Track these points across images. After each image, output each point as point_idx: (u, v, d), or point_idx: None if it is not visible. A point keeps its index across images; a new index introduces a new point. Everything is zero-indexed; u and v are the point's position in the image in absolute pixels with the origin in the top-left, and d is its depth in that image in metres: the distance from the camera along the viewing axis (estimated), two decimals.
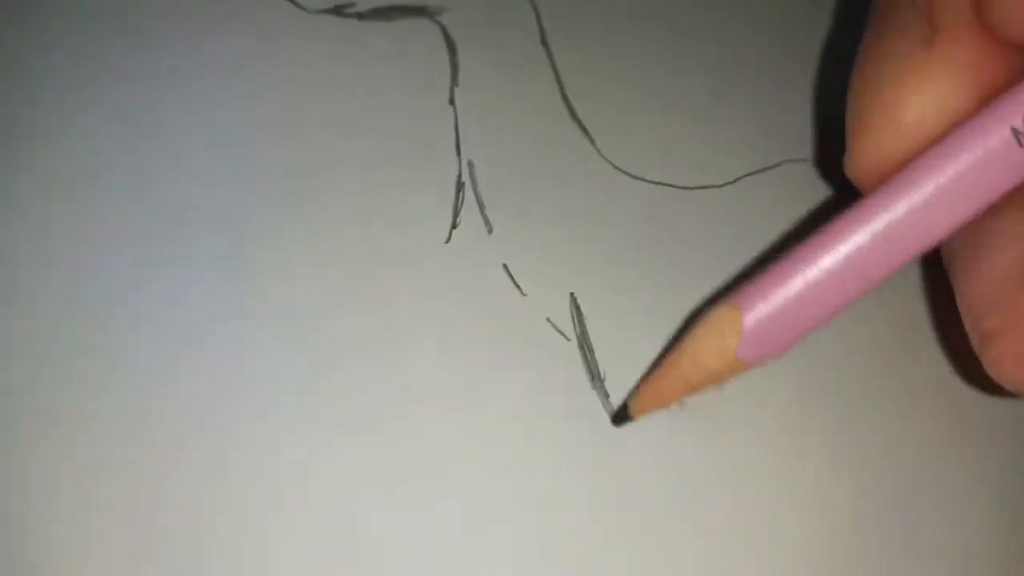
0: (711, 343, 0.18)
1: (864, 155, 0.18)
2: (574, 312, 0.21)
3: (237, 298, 0.20)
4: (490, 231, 0.22)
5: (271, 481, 0.19)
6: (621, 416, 0.20)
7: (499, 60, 0.23)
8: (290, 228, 0.21)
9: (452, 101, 0.23)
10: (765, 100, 0.25)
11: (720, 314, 0.17)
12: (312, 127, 0.22)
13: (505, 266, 0.21)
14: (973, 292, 0.18)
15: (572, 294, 0.21)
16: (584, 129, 0.23)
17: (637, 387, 0.19)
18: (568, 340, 0.21)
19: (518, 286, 0.21)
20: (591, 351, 0.21)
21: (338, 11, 0.23)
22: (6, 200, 0.20)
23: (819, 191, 0.24)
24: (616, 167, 0.23)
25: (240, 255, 0.20)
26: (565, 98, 0.23)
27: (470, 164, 0.22)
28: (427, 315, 0.20)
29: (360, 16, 0.23)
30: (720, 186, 0.23)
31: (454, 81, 0.23)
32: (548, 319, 0.21)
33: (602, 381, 0.21)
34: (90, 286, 0.20)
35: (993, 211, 0.17)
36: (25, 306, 0.19)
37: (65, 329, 0.19)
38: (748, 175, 0.24)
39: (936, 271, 0.21)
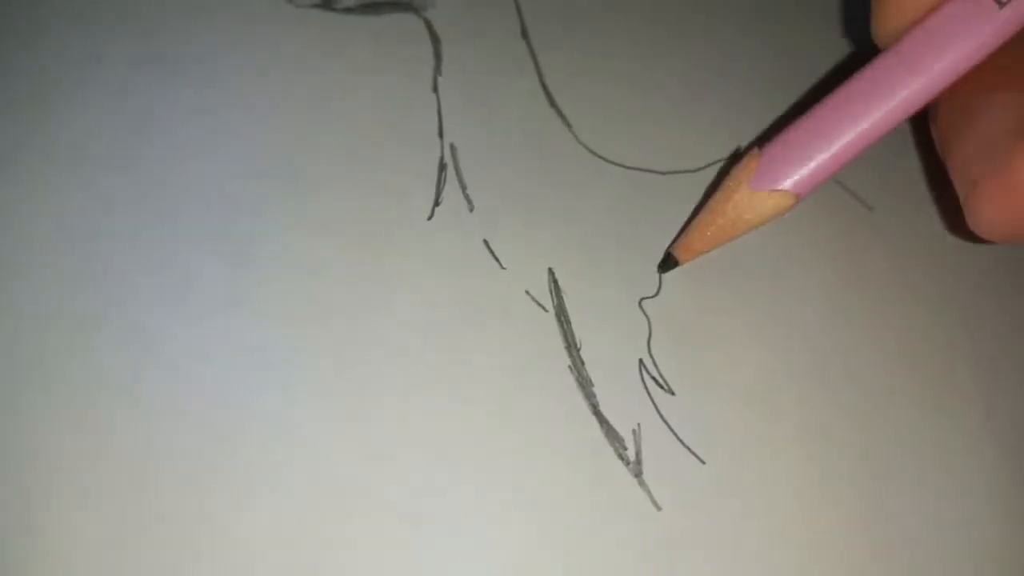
0: (736, 179, 0.21)
1: (887, 17, 0.20)
2: (552, 286, 0.22)
3: (224, 269, 0.21)
4: (471, 209, 0.22)
5: (254, 435, 0.19)
6: (666, 263, 0.22)
7: (481, 51, 0.24)
8: (279, 204, 0.22)
9: (435, 89, 0.24)
10: (738, 89, 0.26)
11: (746, 156, 0.21)
12: (301, 113, 0.23)
13: (485, 241, 0.22)
14: (962, 153, 0.20)
15: (550, 269, 0.22)
16: (562, 116, 0.24)
17: (679, 234, 0.22)
18: (546, 311, 0.22)
19: (498, 260, 0.22)
20: (568, 321, 0.22)
21: (326, 5, 0.24)
22: (15, 196, 0.21)
23: None
24: (593, 152, 0.24)
25: (229, 232, 0.21)
26: (544, 86, 0.24)
27: (452, 147, 0.23)
28: (410, 286, 0.21)
29: (348, 10, 0.24)
30: (694, 171, 0.24)
31: (437, 71, 0.24)
32: (527, 291, 0.22)
33: (578, 349, 0.21)
34: (85, 264, 0.20)
35: (982, 85, 0.20)
36: (24, 292, 0.20)
37: (65, 311, 0.20)
38: (721, 160, 0.25)
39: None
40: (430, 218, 0.22)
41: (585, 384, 0.21)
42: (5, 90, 0.22)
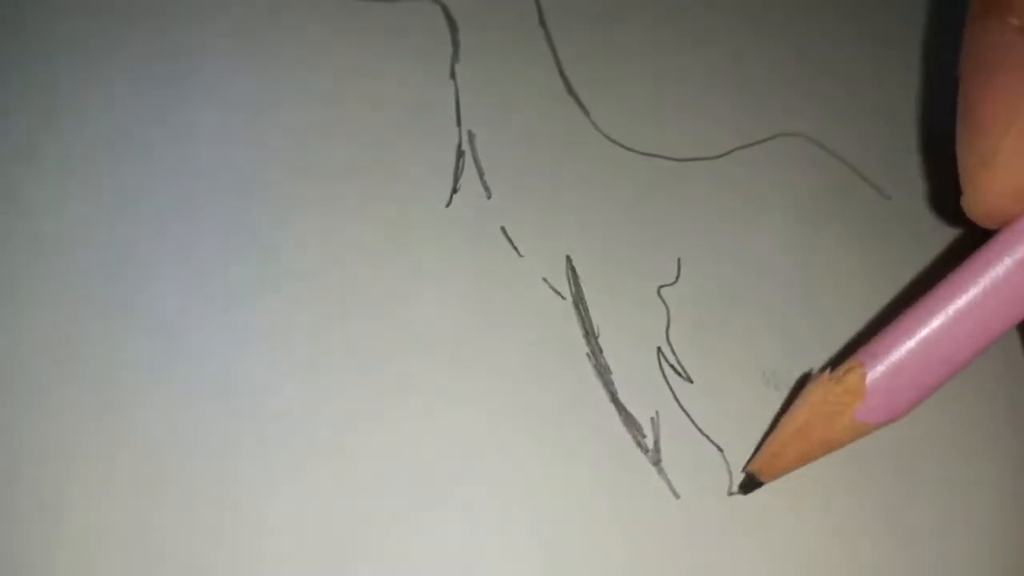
0: (834, 406, 0.18)
1: (980, 200, 0.17)
2: (569, 273, 0.22)
3: (244, 257, 0.21)
4: (489, 196, 0.22)
5: (278, 423, 0.19)
6: (750, 484, 0.19)
7: (498, 38, 0.24)
8: (298, 190, 0.22)
9: (453, 76, 0.24)
10: (759, 75, 0.26)
11: (847, 378, 0.17)
12: (319, 99, 0.23)
13: (503, 228, 0.22)
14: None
15: (568, 256, 0.22)
16: (580, 102, 0.24)
17: (759, 449, 0.19)
18: (564, 299, 0.22)
19: (515, 247, 0.22)
20: (586, 309, 0.21)
21: None
22: (21, 173, 0.21)
23: (813, 165, 0.25)
24: (610, 139, 0.24)
25: (247, 222, 0.21)
26: (562, 73, 0.24)
27: (470, 134, 0.23)
28: (428, 274, 0.21)
29: None
30: (712, 158, 0.24)
31: (455, 57, 0.24)
32: (544, 279, 0.22)
33: (596, 337, 0.21)
34: (104, 249, 0.20)
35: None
36: (44, 282, 0.20)
37: (85, 302, 0.20)
38: (740, 148, 0.24)
39: None
40: (448, 205, 0.22)
41: (603, 372, 0.21)
42: (23, 82, 0.22)
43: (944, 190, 0.26)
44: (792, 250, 0.23)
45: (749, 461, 0.20)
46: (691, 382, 0.21)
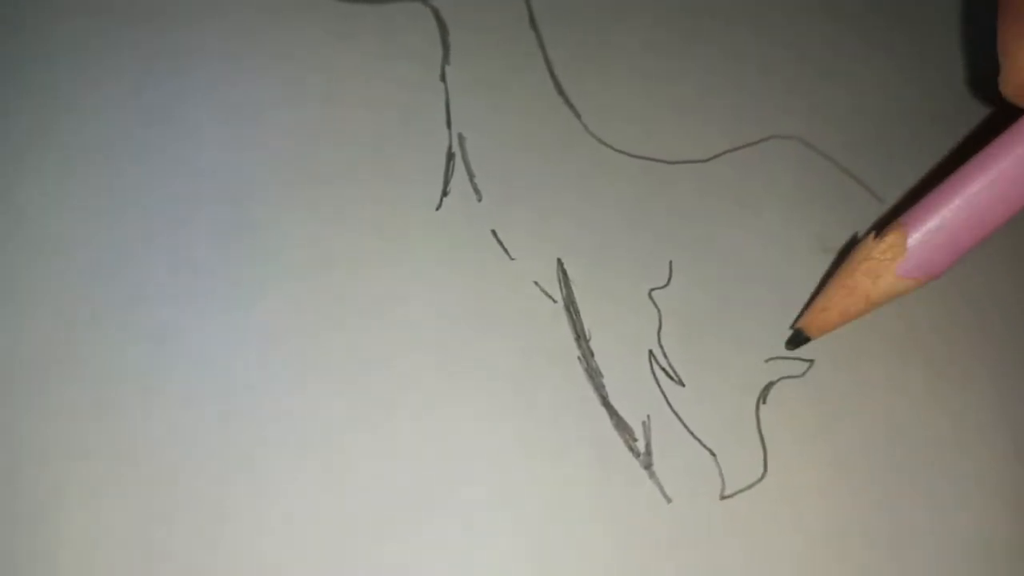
0: (879, 263, 0.19)
1: (1017, 74, 0.19)
2: (561, 276, 0.22)
3: (236, 260, 0.20)
4: (480, 199, 0.22)
5: (271, 425, 0.19)
6: (796, 340, 0.21)
7: (489, 40, 0.24)
8: (289, 194, 0.21)
9: (443, 78, 0.24)
10: (751, 77, 0.25)
11: (889, 236, 0.19)
12: (310, 102, 0.23)
13: (494, 231, 0.22)
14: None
15: (559, 259, 0.22)
16: (570, 105, 0.24)
17: (808, 306, 0.21)
18: (555, 302, 0.21)
19: (506, 250, 0.22)
20: (577, 312, 0.21)
21: None
22: (20, 173, 0.21)
23: (805, 167, 0.25)
24: (601, 141, 0.24)
25: (239, 224, 0.21)
26: (552, 76, 0.24)
27: (460, 137, 0.23)
28: (419, 277, 0.21)
29: (356, 0, 0.24)
30: (703, 161, 0.24)
31: (446, 59, 0.24)
32: (536, 282, 0.22)
33: (587, 340, 0.21)
34: (101, 257, 0.20)
35: None
36: (40, 285, 0.20)
37: (81, 304, 0.20)
38: (731, 151, 0.24)
39: None
40: (438, 208, 0.22)
41: (594, 375, 0.21)
42: (21, 83, 0.21)
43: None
44: (784, 253, 0.23)
45: (796, 319, 0.21)
46: (683, 385, 0.21)
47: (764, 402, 0.21)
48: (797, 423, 0.21)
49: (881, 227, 0.20)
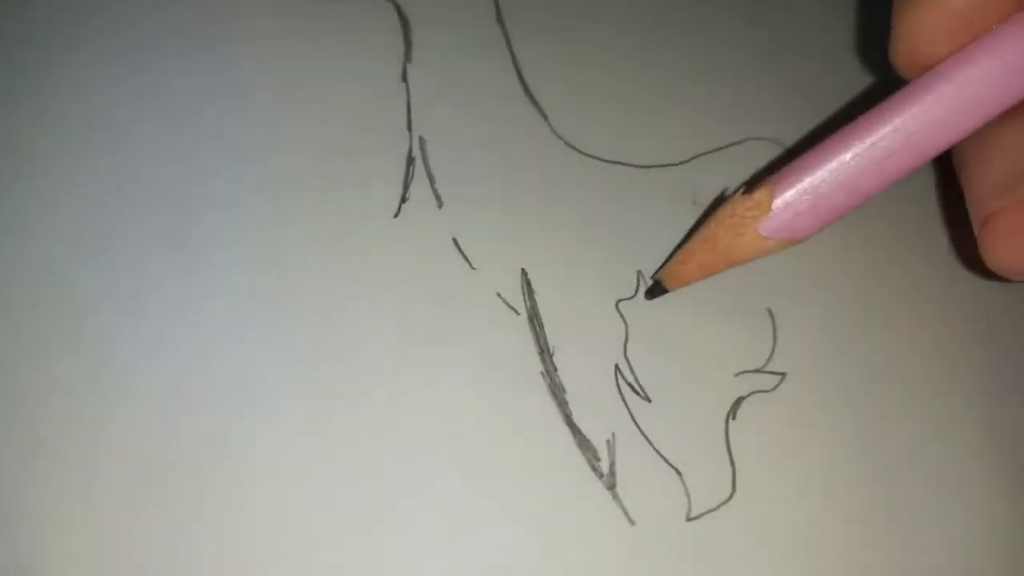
0: (742, 219, 0.19)
1: (907, 39, 0.18)
2: (524, 287, 0.21)
3: (181, 273, 0.20)
4: (440, 205, 0.21)
5: (225, 435, 0.18)
6: (655, 290, 0.20)
7: (453, 37, 0.23)
8: (239, 202, 0.20)
9: (405, 78, 0.23)
10: (725, 79, 0.25)
11: (756, 194, 0.19)
12: (262, 102, 0.22)
13: (455, 240, 0.21)
14: (980, 185, 0.19)
15: (523, 269, 0.21)
16: (538, 106, 0.23)
17: (669, 259, 0.20)
18: (518, 314, 0.21)
19: (468, 260, 0.21)
20: (541, 325, 0.21)
21: None
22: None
23: (776, 168, 0.24)
24: (570, 145, 0.23)
25: (186, 231, 0.20)
26: (519, 75, 0.23)
27: (421, 140, 0.22)
28: (375, 288, 0.20)
29: None
30: (675, 165, 0.23)
31: (407, 58, 0.23)
32: (498, 293, 0.21)
33: (551, 355, 0.20)
34: (43, 267, 0.19)
35: (1004, 116, 0.18)
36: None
37: (22, 316, 0.19)
38: (705, 154, 0.24)
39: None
40: (396, 215, 0.21)
41: (558, 391, 0.20)
42: None
43: (927, 210, 0.25)
44: (759, 262, 0.22)
45: (657, 270, 0.21)
46: (649, 401, 0.20)
47: (734, 418, 0.20)
48: (768, 440, 0.20)
49: (751, 185, 0.19)
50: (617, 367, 0.20)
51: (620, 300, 0.21)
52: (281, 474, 0.18)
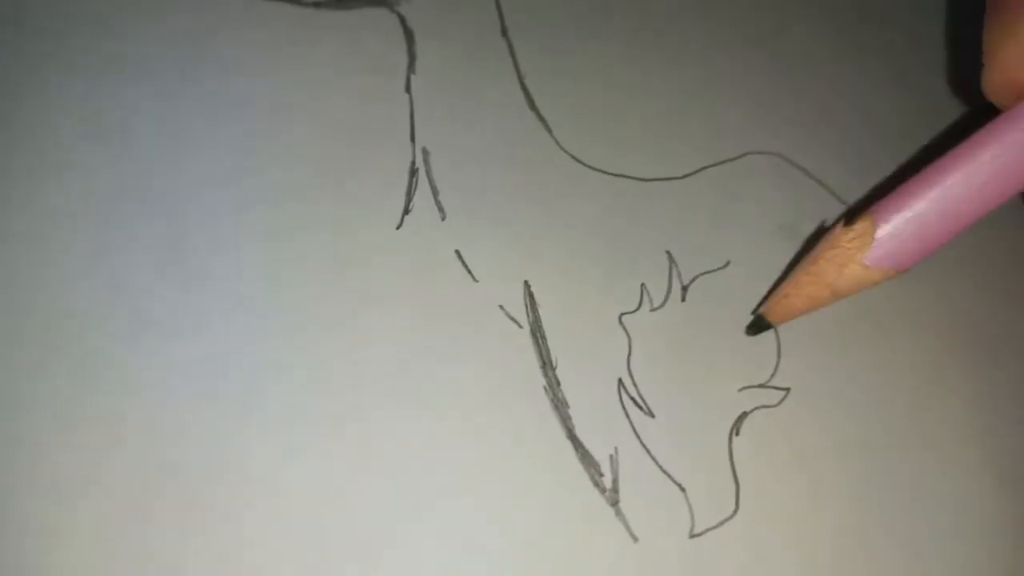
0: (845, 251, 0.19)
1: (1003, 69, 0.19)
2: (527, 300, 0.21)
3: (181, 283, 0.19)
4: (443, 217, 0.21)
5: (213, 449, 0.18)
6: (758, 325, 0.21)
7: (458, 49, 0.23)
8: (241, 214, 0.20)
9: (408, 89, 0.22)
10: (728, 93, 0.25)
11: (858, 225, 0.19)
12: (265, 113, 0.22)
13: (458, 252, 0.21)
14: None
15: (526, 282, 0.21)
16: (542, 119, 0.23)
17: (769, 295, 0.21)
18: (521, 327, 0.20)
19: (471, 272, 0.21)
20: (543, 338, 0.20)
21: None
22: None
23: (783, 185, 0.24)
24: (574, 157, 0.23)
25: (187, 245, 0.20)
26: (524, 88, 0.23)
27: (424, 151, 0.22)
28: (377, 301, 0.20)
29: (317, 5, 0.23)
30: (679, 178, 0.23)
31: (411, 69, 0.23)
32: (501, 306, 0.21)
33: (554, 368, 0.20)
34: (38, 281, 0.19)
35: None
36: None
37: (15, 330, 0.19)
38: (708, 167, 0.24)
39: None
40: (399, 227, 0.21)
41: (560, 406, 0.20)
42: None
43: None
44: (761, 275, 0.22)
45: (759, 305, 0.21)
46: (652, 416, 0.20)
47: (737, 434, 0.20)
48: (772, 456, 0.20)
49: (851, 216, 0.19)
50: (620, 381, 0.20)
51: (623, 313, 0.21)
52: (282, 485, 0.18)
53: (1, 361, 0.18)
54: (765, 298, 0.21)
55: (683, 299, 0.22)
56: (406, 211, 0.21)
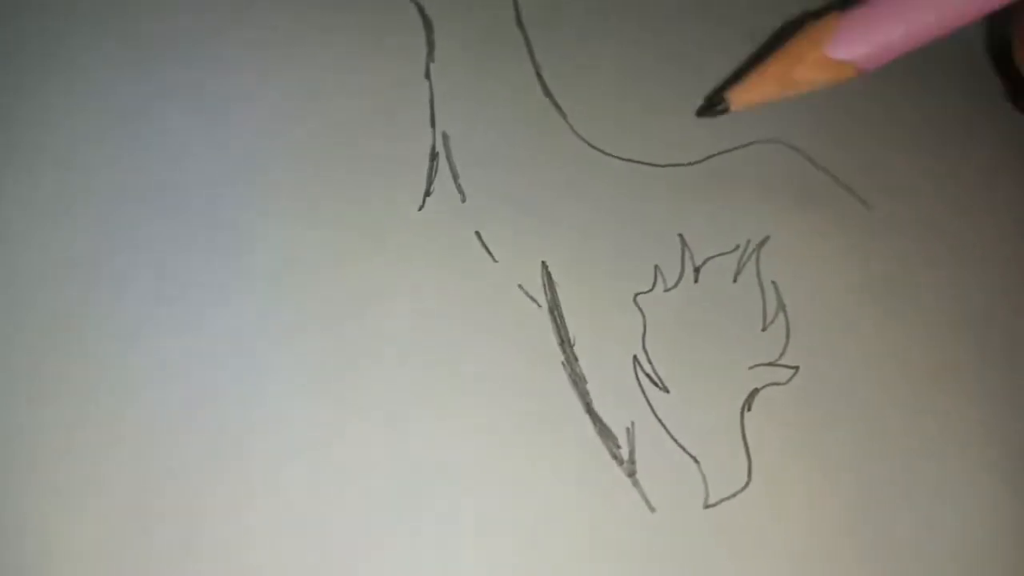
0: (809, 40, 0.21)
1: None
2: (545, 279, 0.21)
3: (214, 260, 0.20)
4: (463, 199, 0.22)
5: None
6: (713, 103, 0.21)
7: (475, 38, 0.24)
8: (267, 192, 0.21)
9: (428, 76, 0.23)
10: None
11: (823, 19, 0.21)
12: (289, 100, 0.22)
13: (478, 233, 0.22)
14: None
15: (544, 262, 0.22)
16: (557, 106, 0.24)
17: (737, 78, 0.21)
18: (539, 306, 0.21)
19: (490, 252, 0.21)
20: (561, 316, 0.21)
21: None
22: (8, 195, 0.20)
23: (788, 173, 0.24)
24: (589, 143, 0.23)
25: (216, 220, 0.20)
26: (539, 76, 0.24)
27: (444, 136, 0.22)
28: (400, 279, 0.21)
29: None
30: (689, 164, 0.24)
31: (430, 57, 0.23)
32: (520, 286, 0.21)
33: (571, 345, 0.21)
34: (75, 264, 0.20)
35: None
36: (13, 293, 0.19)
37: (56, 312, 0.19)
38: (718, 154, 0.24)
39: None
40: (421, 208, 0.21)
41: (578, 381, 0.20)
42: (10, 99, 0.21)
43: (925, 199, 0.25)
44: (770, 255, 0.23)
45: (719, 89, 0.22)
46: (667, 392, 0.21)
47: (749, 409, 0.21)
48: (782, 431, 0.21)
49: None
50: (635, 358, 0.21)
51: (638, 293, 0.22)
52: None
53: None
54: (725, 84, 0.22)
55: (696, 280, 0.22)
56: (427, 193, 0.22)
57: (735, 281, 0.23)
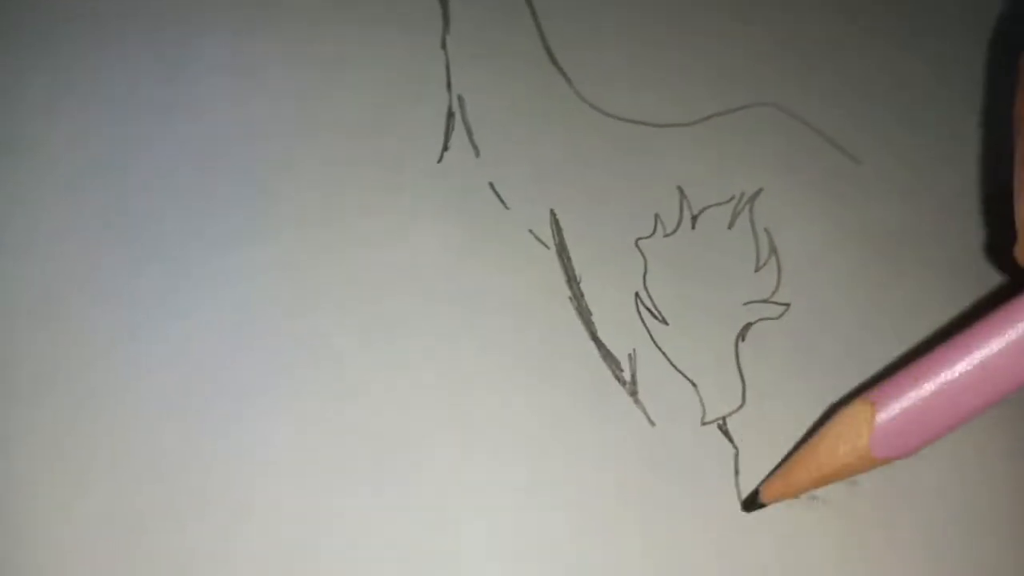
0: (845, 437, 0.19)
1: None
2: (554, 225, 0.23)
3: (248, 202, 0.22)
4: (477, 154, 0.24)
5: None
6: (751, 502, 0.20)
7: (486, 11, 0.26)
8: (301, 143, 0.23)
9: (444, 46, 0.25)
10: (734, 46, 0.27)
11: (855, 409, 0.19)
12: (320, 64, 0.24)
13: (491, 184, 0.24)
14: None
15: (552, 210, 0.24)
16: (562, 71, 0.26)
17: (771, 474, 0.20)
18: (548, 248, 0.23)
19: (503, 201, 0.23)
20: (568, 258, 0.23)
21: None
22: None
23: (781, 132, 0.26)
24: (592, 105, 0.25)
25: (253, 167, 0.23)
26: (545, 45, 0.26)
27: (460, 98, 0.25)
28: (421, 222, 0.23)
29: None
30: (688, 124, 0.26)
31: (446, 30, 0.26)
32: (530, 230, 0.23)
33: (578, 283, 0.23)
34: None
35: None
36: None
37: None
38: (715, 115, 0.26)
39: None
40: (439, 161, 0.24)
41: (584, 313, 0.22)
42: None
43: (915, 152, 0.27)
44: (763, 206, 0.25)
45: (762, 482, 0.20)
46: (666, 324, 0.23)
47: (743, 340, 0.23)
48: (774, 359, 0.23)
49: (855, 395, 0.19)
50: (637, 295, 0.23)
51: (639, 238, 0.24)
52: (345, 369, 0.20)
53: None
54: (767, 477, 0.20)
55: (693, 227, 0.24)
56: (445, 148, 0.24)
57: (730, 228, 0.24)
